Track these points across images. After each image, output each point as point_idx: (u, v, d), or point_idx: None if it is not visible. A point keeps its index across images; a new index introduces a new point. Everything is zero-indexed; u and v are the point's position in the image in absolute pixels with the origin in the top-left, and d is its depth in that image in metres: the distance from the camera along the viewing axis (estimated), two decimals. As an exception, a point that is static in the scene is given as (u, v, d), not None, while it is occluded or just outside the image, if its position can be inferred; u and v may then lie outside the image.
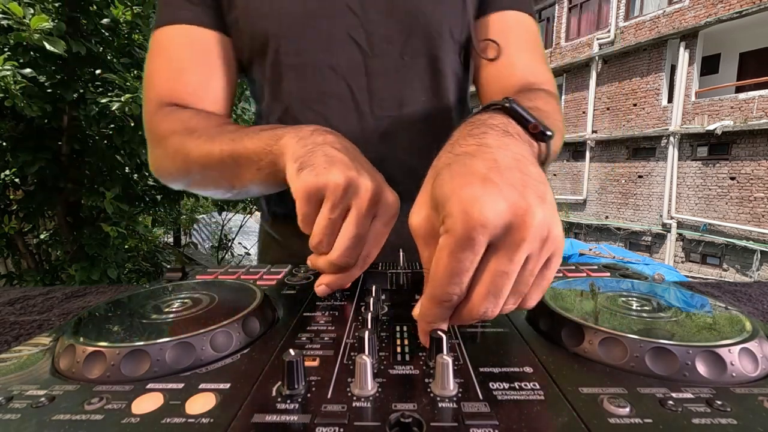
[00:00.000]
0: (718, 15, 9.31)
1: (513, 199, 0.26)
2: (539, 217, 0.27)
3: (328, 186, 0.37)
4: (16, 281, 2.52)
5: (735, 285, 0.70)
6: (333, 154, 0.40)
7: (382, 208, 0.40)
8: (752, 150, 9.08)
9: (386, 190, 0.41)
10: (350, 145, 0.44)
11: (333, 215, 0.38)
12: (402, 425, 0.22)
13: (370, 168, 0.42)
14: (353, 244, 0.38)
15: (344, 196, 0.38)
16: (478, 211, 0.26)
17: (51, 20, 1.77)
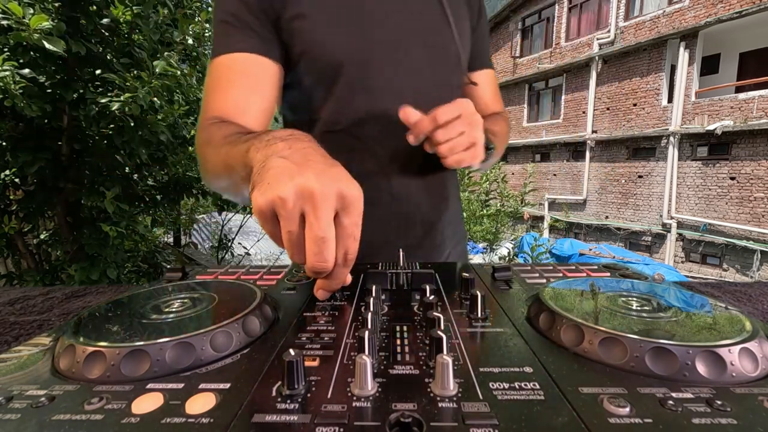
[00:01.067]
0: (718, 15, 9.30)
1: None
2: None
3: (275, 202, 0.38)
4: (16, 281, 2.52)
5: (735, 285, 0.70)
6: (278, 165, 0.41)
7: (342, 203, 0.40)
8: (752, 150, 9.07)
9: (343, 183, 0.40)
10: (300, 147, 0.44)
11: (291, 227, 0.39)
12: (402, 425, 0.22)
13: (322, 166, 0.41)
14: (320, 248, 0.38)
15: (293, 207, 0.38)
16: None
17: (51, 20, 1.77)
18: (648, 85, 10.98)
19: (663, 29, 10.43)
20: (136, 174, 2.84)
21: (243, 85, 0.71)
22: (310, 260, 0.39)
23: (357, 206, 0.41)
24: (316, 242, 0.38)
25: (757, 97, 8.90)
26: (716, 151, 9.72)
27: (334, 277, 0.43)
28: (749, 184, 9.16)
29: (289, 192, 0.38)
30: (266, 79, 0.73)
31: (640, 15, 11.13)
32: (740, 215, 9.36)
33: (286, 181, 0.39)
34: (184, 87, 2.50)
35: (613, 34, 11.62)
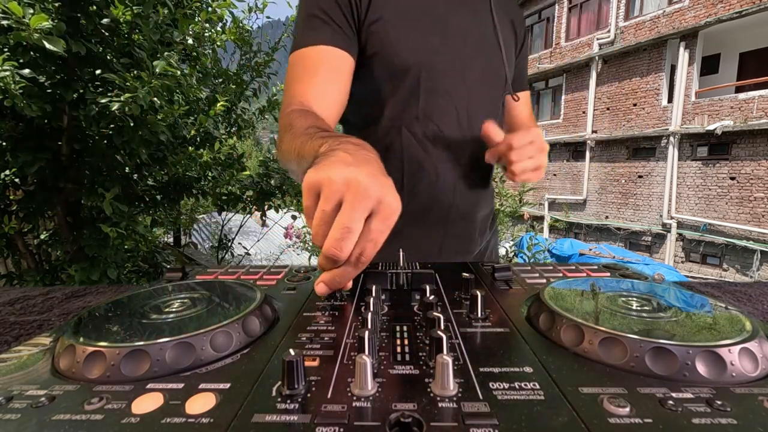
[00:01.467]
0: (718, 15, 9.30)
1: None
2: None
3: (322, 180, 0.42)
4: (16, 281, 2.52)
5: (735, 285, 0.70)
6: (340, 157, 0.45)
7: (379, 206, 0.41)
8: (752, 150, 9.07)
9: (386, 191, 0.42)
10: (366, 154, 0.48)
11: (326, 207, 0.41)
12: (402, 425, 0.22)
13: (373, 170, 0.44)
14: (342, 236, 0.40)
15: (337, 190, 0.41)
16: None
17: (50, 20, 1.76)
18: (648, 85, 10.98)
19: (663, 29, 10.43)
20: (135, 174, 2.84)
21: (325, 74, 0.77)
22: (328, 244, 0.40)
23: (391, 216, 0.42)
24: (341, 230, 0.40)
25: (757, 97, 8.90)
26: (716, 151, 9.72)
27: (341, 274, 0.43)
28: (749, 184, 9.16)
29: (339, 176, 0.41)
30: (345, 72, 0.80)
31: (640, 15, 11.13)
32: (740, 215, 9.36)
33: (341, 168, 0.42)
34: (184, 87, 2.50)
35: (613, 34, 11.62)
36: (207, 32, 2.95)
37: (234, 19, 3.10)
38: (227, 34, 3.11)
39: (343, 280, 0.43)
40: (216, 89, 3.12)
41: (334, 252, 0.40)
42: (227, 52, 3.46)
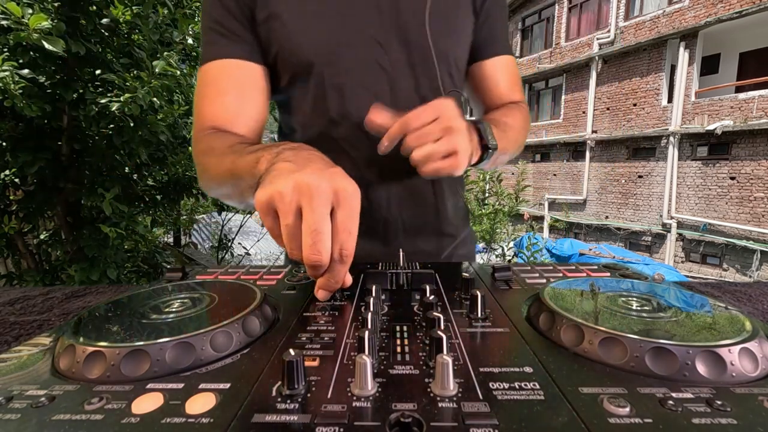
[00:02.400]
0: (718, 15, 9.30)
1: None
2: None
3: (273, 196, 0.41)
4: (16, 281, 2.52)
5: (735, 285, 0.70)
6: (281, 167, 0.44)
7: (337, 198, 0.41)
8: (752, 150, 9.07)
9: (339, 180, 0.42)
10: (306, 154, 0.47)
11: (287, 221, 0.41)
12: (402, 425, 0.22)
13: (321, 166, 0.44)
14: (314, 240, 0.40)
15: (290, 201, 0.40)
16: None
17: (50, 20, 1.77)
18: (648, 85, 10.98)
19: (663, 29, 10.43)
20: (135, 174, 2.84)
21: (233, 92, 0.72)
22: (306, 252, 0.40)
23: (351, 201, 0.42)
24: (311, 234, 0.40)
25: (757, 97, 8.90)
26: (716, 151, 9.72)
27: (332, 275, 0.43)
28: (749, 184, 9.16)
29: (287, 186, 0.41)
30: (254, 85, 0.73)
31: (640, 15, 11.13)
32: (740, 215, 9.36)
33: (285, 178, 0.42)
34: (183, 87, 2.50)
35: (613, 34, 11.62)
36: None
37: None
38: (227, 34, 3.10)
39: (338, 279, 0.43)
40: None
41: (315, 258, 0.40)
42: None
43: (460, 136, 0.57)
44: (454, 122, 0.57)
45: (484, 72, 0.86)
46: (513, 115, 0.81)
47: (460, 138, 0.57)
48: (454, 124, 0.56)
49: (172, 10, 2.41)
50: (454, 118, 0.57)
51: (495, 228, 6.66)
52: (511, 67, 0.89)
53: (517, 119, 0.80)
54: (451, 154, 0.57)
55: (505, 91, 0.87)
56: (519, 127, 0.80)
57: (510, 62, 0.89)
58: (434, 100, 0.58)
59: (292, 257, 0.42)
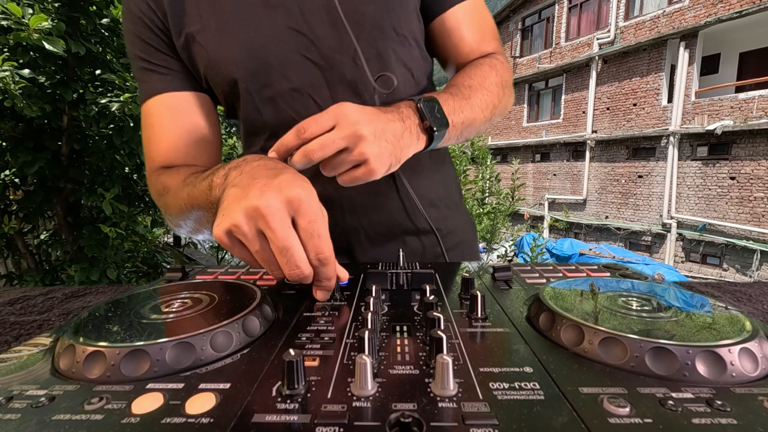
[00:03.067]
0: (718, 15, 9.30)
1: None
2: None
3: (231, 230, 0.41)
4: (16, 281, 2.52)
5: (735, 285, 0.70)
6: (228, 194, 0.44)
7: (294, 208, 0.41)
8: (752, 150, 9.07)
9: (288, 189, 0.41)
10: (253, 166, 0.46)
11: (255, 248, 0.41)
12: (402, 425, 0.22)
13: (265, 181, 0.42)
14: (288, 257, 0.40)
15: (248, 229, 0.41)
16: None
17: (50, 20, 1.77)
18: (648, 85, 10.98)
19: (663, 29, 10.43)
20: (135, 174, 2.84)
21: (175, 128, 0.68)
22: (287, 272, 0.41)
23: (307, 205, 0.42)
24: (282, 252, 0.40)
25: (757, 97, 8.90)
26: (716, 151, 9.72)
27: (321, 278, 0.44)
28: (749, 184, 9.16)
29: (239, 217, 0.40)
30: (196, 113, 0.70)
31: (640, 15, 11.13)
32: (740, 215, 9.36)
33: (235, 208, 0.41)
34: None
35: (613, 34, 11.62)
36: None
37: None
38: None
39: (328, 281, 0.44)
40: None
41: (296, 273, 0.41)
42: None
43: (365, 143, 0.50)
44: (356, 127, 0.49)
45: (444, 27, 0.73)
46: (479, 73, 0.68)
47: (366, 145, 0.50)
48: (355, 130, 0.49)
49: (172, 10, 2.40)
50: (355, 123, 0.50)
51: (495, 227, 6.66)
52: (478, 12, 0.75)
53: (486, 76, 0.68)
54: (361, 162, 0.51)
55: (474, 43, 0.74)
56: (490, 86, 0.68)
57: (475, 7, 0.74)
58: (332, 105, 0.51)
59: (276, 278, 0.43)
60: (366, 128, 0.50)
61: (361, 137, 0.50)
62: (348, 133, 0.49)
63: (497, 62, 0.73)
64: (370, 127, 0.51)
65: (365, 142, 0.50)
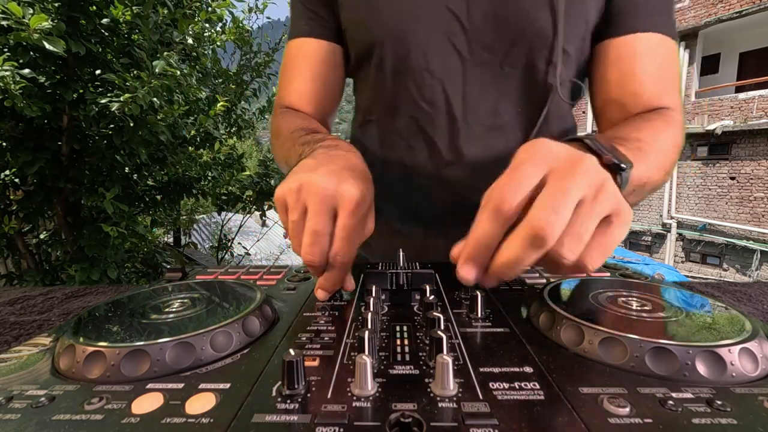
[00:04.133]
0: (718, 15, 9.31)
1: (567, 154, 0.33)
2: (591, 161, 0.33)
3: (285, 193, 0.42)
4: (16, 281, 2.52)
5: (735, 285, 0.70)
6: (303, 165, 0.45)
7: (340, 203, 0.41)
8: (752, 150, 9.08)
9: (345, 184, 0.42)
10: (336, 153, 0.48)
11: (293, 217, 0.42)
12: (402, 425, 0.22)
13: (336, 168, 0.43)
14: (312, 240, 0.41)
15: (297, 198, 0.41)
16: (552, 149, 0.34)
17: (50, 20, 1.77)
18: (648, 85, 10.96)
19: (663, 29, 10.42)
20: (135, 174, 2.84)
21: (305, 73, 0.72)
22: (303, 251, 0.41)
23: (352, 208, 0.41)
24: (310, 235, 0.40)
25: (757, 97, 8.91)
26: (716, 151, 9.72)
27: (328, 278, 0.43)
28: (749, 183, 9.16)
29: (296, 184, 0.42)
30: (328, 66, 0.72)
31: (640, 15, 11.12)
32: (740, 215, 9.37)
33: (299, 175, 0.42)
34: (183, 87, 2.50)
35: (613, 34, 11.60)
36: (207, 32, 2.95)
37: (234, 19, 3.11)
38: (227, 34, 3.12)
39: (334, 282, 0.44)
40: (216, 89, 3.13)
41: (309, 258, 0.41)
42: (227, 52, 3.46)
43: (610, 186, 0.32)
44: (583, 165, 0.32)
45: (614, 54, 0.59)
46: (650, 127, 0.53)
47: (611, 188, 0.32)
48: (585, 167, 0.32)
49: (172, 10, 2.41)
50: (578, 162, 0.32)
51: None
52: (666, 53, 0.58)
53: (659, 133, 0.52)
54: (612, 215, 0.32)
55: (650, 88, 0.58)
56: (664, 147, 0.52)
57: (665, 46, 0.58)
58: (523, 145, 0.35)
59: (295, 252, 0.43)
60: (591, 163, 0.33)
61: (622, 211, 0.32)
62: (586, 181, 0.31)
63: (676, 120, 0.56)
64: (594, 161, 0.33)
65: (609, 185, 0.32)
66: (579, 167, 0.31)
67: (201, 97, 2.89)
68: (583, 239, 0.31)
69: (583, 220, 0.31)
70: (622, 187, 0.39)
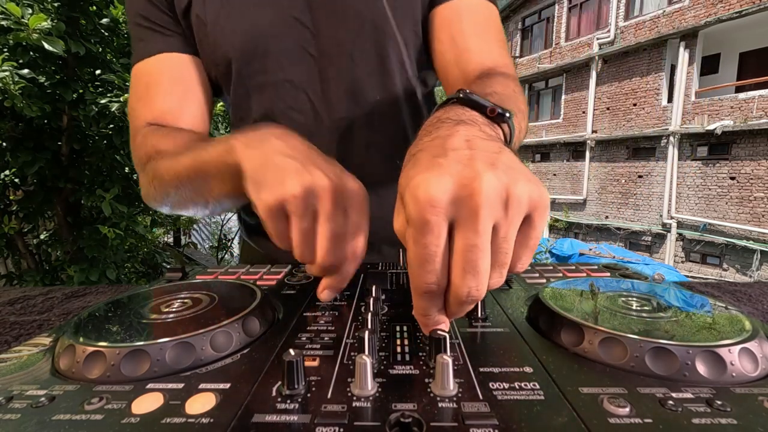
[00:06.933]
0: (718, 15, 9.30)
1: (457, 172, 0.27)
2: (488, 180, 0.27)
3: (287, 200, 0.38)
4: (16, 281, 2.52)
5: (735, 285, 0.70)
6: (283, 163, 0.40)
7: (349, 199, 0.40)
8: (752, 150, 9.07)
9: (347, 180, 0.40)
10: (300, 144, 0.43)
11: (303, 224, 0.38)
12: (402, 425, 0.22)
13: (324, 163, 0.41)
14: (333, 244, 0.38)
15: (306, 204, 0.38)
16: (423, 191, 0.27)
17: (50, 20, 1.77)
18: (648, 85, 10.98)
19: (663, 29, 10.43)
20: (135, 174, 2.84)
21: (171, 88, 0.65)
22: (321, 257, 0.38)
23: (362, 201, 0.41)
24: (328, 239, 0.38)
25: (757, 96, 8.90)
26: (716, 151, 9.72)
27: (342, 274, 0.41)
28: (749, 183, 9.16)
29: (299, 188, 0.37)
30: (194, 78, 0.67)
31: (640, 15, 11.13)
32: (740, 215, 9.37)
33: (299, 178, 0.38)
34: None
35: (613, 33, 11.61)
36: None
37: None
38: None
39: (347, 278, 0.42)
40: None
41: (332, 261, 0.39)
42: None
43: (517, 191, 0.28)
44: (482, 196, 0.27)
45: (441, 18, 0.64)
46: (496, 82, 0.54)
47: (518, 192, 0.28)
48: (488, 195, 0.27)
49: (172, 10, 2.40)
50: (476, 191, 0.27)
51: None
52: (484, 11, 0.64)
53: (506, 86, 0.53)
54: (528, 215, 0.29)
55: (478, 43, 0.62)
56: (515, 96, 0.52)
57: (481, 6, 0.64)
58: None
59: (302, 260, 0.40)
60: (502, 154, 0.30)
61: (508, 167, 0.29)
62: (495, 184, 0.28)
63: (507, 75, 0.58)
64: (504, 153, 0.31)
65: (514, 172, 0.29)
66: (478, 199, 0.26)
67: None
68: (507, 262, 0.30)
69: (503, 248, 0.29)
70: (511, 137, 0.40)
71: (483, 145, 0.30)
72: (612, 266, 0.58)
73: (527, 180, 0.28)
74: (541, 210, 0.29)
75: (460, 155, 0.29)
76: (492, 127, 0.38)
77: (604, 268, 0.57)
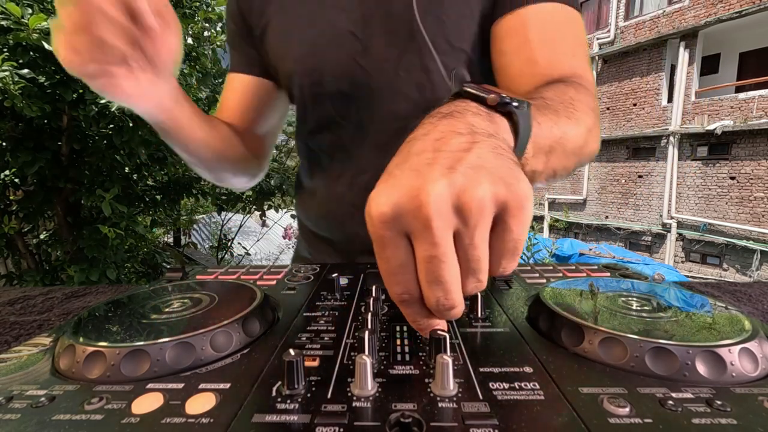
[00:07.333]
0: (718, 15, 9.31)
1: (406, 184, 0.25)
2: (437, 189, 0.24)
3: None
4: (16, 281, 2.52)
5: (735, 285, 0.70)
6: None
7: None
8: (752, 150, 9.08)
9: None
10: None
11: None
12: (402, 425, 0.22)
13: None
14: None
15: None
16: (374, 207, 0.26)
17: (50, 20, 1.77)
18: (648, 85, 10.98)
19: (663, 29, 10.44)
20: (135, 174, 2.84)
21: (235, 107, 0.76)
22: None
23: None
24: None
25: (757, 96, 8.91)
26: (716, 151, 9.72)
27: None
28: (749, 183, 9.16)
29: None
30: (255, 99, 0.77)
31: (640, 15, 11.14)
32: (740, 215, 9.37)
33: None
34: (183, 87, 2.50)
35: (613, 33, 11.62)
36: (206, 32, 2.94)
37: (234, 18, 3.10)
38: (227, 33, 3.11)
39: None
40: (216, 89, 3.12)
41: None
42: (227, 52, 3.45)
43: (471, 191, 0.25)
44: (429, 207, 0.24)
45: (506, 29, 0.59)
46: (553, 88, 0.49)
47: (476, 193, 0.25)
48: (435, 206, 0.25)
49: (171, 10, 2.40)
50: (423, 202, 0.25)
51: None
52: (561, 19, 0.57)
53: (564, 92, 0.47)
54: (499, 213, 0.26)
55: (545, 54, 0.55)
56: (574, 103, 0.45)
57: (559, 13, 0.57)
58: None
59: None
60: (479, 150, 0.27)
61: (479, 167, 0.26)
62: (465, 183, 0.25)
63: (575, 83, 0.51)
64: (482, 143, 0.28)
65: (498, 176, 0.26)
66: (426, 211, 0.24)
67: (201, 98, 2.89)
68: (480, 268, 0.27)
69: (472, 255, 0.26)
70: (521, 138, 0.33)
71: (453, 143, 0.27)
72: (612, 266, 0.58)
73: (494, 179, 0.25)
74: (514, 210, 0.25)
75: (419, 161, 0.26)
76: (490, 117, 0.32)
77: (604, 268, 0.57)
